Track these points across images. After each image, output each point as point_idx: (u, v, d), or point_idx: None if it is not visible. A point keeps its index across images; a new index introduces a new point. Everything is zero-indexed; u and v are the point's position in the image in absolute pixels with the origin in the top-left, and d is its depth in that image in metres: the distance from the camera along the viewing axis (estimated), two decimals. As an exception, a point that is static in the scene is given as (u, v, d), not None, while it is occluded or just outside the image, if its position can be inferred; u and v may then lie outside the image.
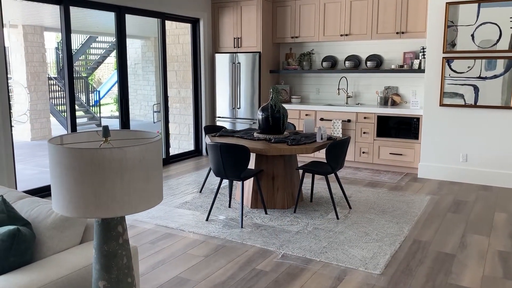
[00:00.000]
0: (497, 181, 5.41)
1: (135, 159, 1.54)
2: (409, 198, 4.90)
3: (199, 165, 6.61)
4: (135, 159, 1.54)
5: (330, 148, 4.13)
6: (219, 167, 3.99)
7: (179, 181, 5.60)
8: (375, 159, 6.24)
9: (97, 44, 14.21)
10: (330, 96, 7.05)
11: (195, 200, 4.78)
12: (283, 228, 3.95)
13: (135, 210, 1.57)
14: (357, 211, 4.44)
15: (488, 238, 3.78)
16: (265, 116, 4.48)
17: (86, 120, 13.29)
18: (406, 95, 6.46)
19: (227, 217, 4.25)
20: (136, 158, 1.54)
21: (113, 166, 1.50)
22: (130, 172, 1.54)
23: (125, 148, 1.51)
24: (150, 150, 1.60)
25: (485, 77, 5.32)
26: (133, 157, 1.53)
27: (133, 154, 1.53)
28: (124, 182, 1.52)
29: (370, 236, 3.78)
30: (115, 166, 1.50)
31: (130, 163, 1.53)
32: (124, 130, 1.80)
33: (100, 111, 13.53)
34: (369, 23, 6.25)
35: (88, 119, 13.35)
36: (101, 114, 13.52)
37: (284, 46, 7.31)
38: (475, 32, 5.30)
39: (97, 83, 19.05)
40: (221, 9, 7.06)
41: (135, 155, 1.54)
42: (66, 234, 2.11)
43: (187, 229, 3.95)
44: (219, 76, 7.12)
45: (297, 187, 4.68)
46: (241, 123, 7.04)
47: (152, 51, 13.12)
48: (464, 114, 5.52)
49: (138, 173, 1.56)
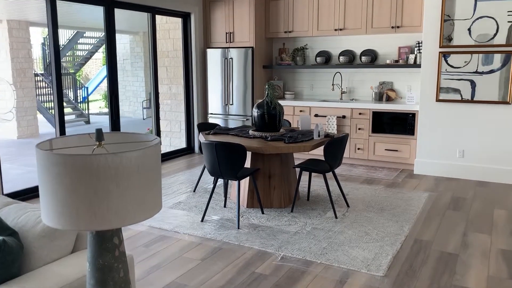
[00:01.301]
0: (494, 177, 5.37)
1: (133, 165, 1.41)
2: (406, 195, 4.82)
3: (191, 163, 6.48)
4: (132, 166, 1.41)
5: (328, 145, 4.03)
6: (214, 167, 3.86)
7: (172, 180, 5.46)
8: (370, 155, 6.15)
9: (84, 40, 13.92)
10: (324, 91, 6.95)
11: (189, 200, 4.65)
12: (281, 228, 3.85)
13: (133, 220, 1.44)
14: (355, 209, 4.35)
15: (489, 236, 3.71)
16: (260, 113, 4.36)
17: (74, 117, 13.04)
18: (401, 90, 6.38)
19: (222, 217, 4.13)
20: (134, 165, 1.41)
21: (108, 173, 1.37)
22: (127, 179, 1.41)
23: (121, 154, 1.38)
24: (148, 155, 1.47)
25: (482, 72, 5.25)
26: (130, 163, 1.41)
27: (130, 160, 1.40)
28: (120, 190, 1.39)
29: (370, 235, 3.69)
30: (111, 174, 1.37)
31: (127, 170, 1.40)
32: (119, 132, 1.67)
33: (89, 108, 13.28)
34: (363, 18, 6.15)
35: (76, 116, 13.10)
36: (89, 110, 13.27)
37: (277, 41, 7.18)
38: (472, 26, 5.22)
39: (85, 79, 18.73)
40: (212, 3, 6.90)
41: (132, 161, 1.41)
42: (56, 243, 1.97)
43: (182, 230, 3.82)
44: (211, 72, 6.97)
45: (293, 185, 4.57)
46: (233, 119, 6.91)
47: (141, 47, 12.90)
48: (460, 110, 5.45)
49: (136, 181, 1.43)
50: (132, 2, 5.74)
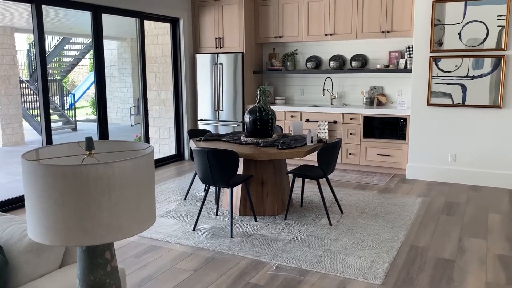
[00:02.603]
0: (487, 181, 5.36)
1: (125, 176, 1.33)
2: (400, 200, 4.78)
3: (181, 170, 6.37)
4: (125, 176, 1.33)
5: (322, 151, 3.97)
6: (206, 174, 3.78)
7: (162, 188, 5.35)
8: (362, 160, 6.12)
9: (71, 46, 13.75)
10: (315, 97, 6.91)
11: (180, 208, 4.55)
12: (275, 236, 3.77)
13: (126, 234, 1.36)
14: (349, 215, 4.30)
15: (485, 241, 3.68)
16: (252, 119, 4.29)
17: (61, 124, 12.84)
18: (391, 95, 6.37)
19: (215, 226, 4.04)
20: (126, 175, 1.33)
21: (100, 184, 1.29)
22: (119, 191, 1.32)
23: (113, 164, 1.29)
24: (142, 165, 1.39)
25: (473, 76, 5.26)
26: (123, 173, 1.32)
27: (123, 170, 1.32)
28: (112, 203, 1.31)
29: (366, 242, 3.63)
30: (102, 185, 1.29)
31: (119, 180, 1.32)
32: (110, 141, 1.58)
33: (75, 115, 13.09)
34: (353, 22, 6.14)
35: (63, 123, 12.90)
36: (76, 117, 13.08)
37: (267, 46, 7.14)
38: (462, 30, 5.23)
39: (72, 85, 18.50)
40: (201, 8, 6.84)
41: (125, 171, 1.32)
42: (44, 258, 1.87)
43: (173, 240, 3.72)
44: (201, 78, 6.89)
45: (287, 192, 4.51)
46: (224, 125, 6.83)
47: (128, 53, 12.77)
48: (452, 114, 5.45)
49: (129, 192, 1.35)
50: (120, 7, 5.65)
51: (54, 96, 13.38)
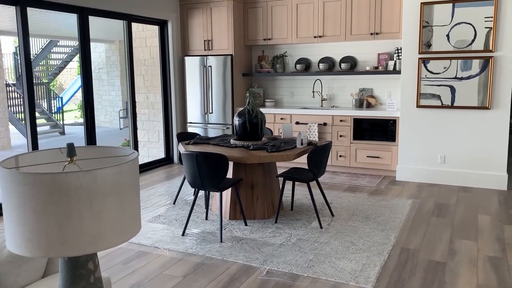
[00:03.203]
0: (476, 182, 5.38)
1: (108, 183, 1.28)
2: (390, 202, 4.77)
3: (171, 173, 6.31)
4: (107, 184, 1.28)
5: (312, 154, 3.94)
6: (195, 178, 3.73)
7: (151, 192, 5.28)
8: (352, 162, 6.11)
9: (58, 49, 13.61)
10: (304, 99, 6.89)
11: (169, 213, 4.49)
12: (265, 240, 3.73)
13: (109, 245, 1.31)
14: (340, 218, 4.27)
15: (476, 243, 3.67)
16: (242, 122, 4.25)
17: (49, 128, 12.69)
18: (381, 97, 6.38)
19: (204, 230, 3.99)
20: (109, 183, 1.28)
21: (81, 193, 1.24)
22: (102, 199, 1.27)
23: (94, 171, 1.25)
24: (125, 172, 1.34)
25: (461, 77, 5.27)
26: (105, 181, 1.27)
27: (105, 178, 1.27)
28: (94, 212, 1.26)
29: (357, 245, 3.61)
30: (83, 193, 1.24)
31: (102, 188, 1.27)
32: (93, 146, 1.53)
33: (63, 118, 12.94)
34: (342, 24, 6.13)
35: (51, 127, 12.75)
36: (64, 121, 12.93)
37: (256, 49, 7.10)
38: (450, 32, 5.25)
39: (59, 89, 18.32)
40: (190, 11, 6.79)
41: (107, 178, 1.28)
42: (25, 268, 1.81)
43: (162, 246, 3.66)
44: (190, 80, 6.84)
45: (277, 195, 4.47)
46: (213, 128, 6.78)
47: (116, 55, 12.67)
48: (441, 115, 5.46)
49: (112, 200, 1.30)
50: (107, 9, 5.58)
51: (41, 100, 13.22)
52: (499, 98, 5.14)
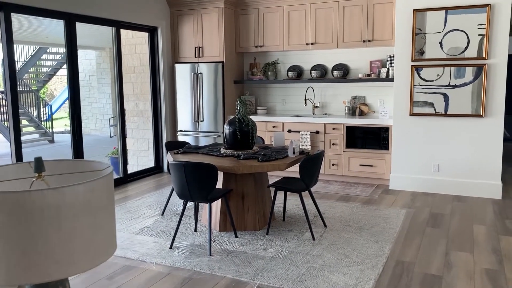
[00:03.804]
0: (470, 191, 5.30)
1: (78, 202, 1.17)
2: (384, 212, 4.68)
3: (160, 183, 6.17)
4: (78, 203, 1.16)
5: (304, 163, 3.84)
6: (183, 189, 3.61)
7: (139, 203, 5.15)
8: (345, 171, 6.02)
9: (48, 56, 13.45)
10: (297, 106, 6.81)
11: (157, 225, 4.35)
12: (256, 253, 3.61)
13: (79, 269, 1.19)
14: (333, 229, 4.16)
15: (472, 255, 3.58)
16: (232, 130, 4.14)
17: (38, 136, 12.50)
18: (373, 104, 6.31)
19: (193, 243, 3.86)
20: (79, 201, 1.17)
21: (48, 213, 1.12)
22: (72, 220, 1.16)
23: (63, 189, 1.13)
24: (98, 189, 1.22)
25: (455, 85, 5.22)
26: (75, 200, 1.16)
27: (75, 196, 1.16)
28: (63, 234, 1.14)
29: (350, 258, 3.50)
30: (51, 214, 1.12)
31: (71, 208, 1.15)
32: (65, 160, 1.42)
33: (53, 126, 12.75)
34: (335, 31, 6.07)
35: (40, 135, 12.56)
36: (53, 129, 12.74)
37: (248, 56, 7.02)
38: (443, 39, 5.19)
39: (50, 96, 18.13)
40: (180, 17, 6.69)
41: (77, 197, 1.16)
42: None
43: (149, 259, 3.53)
44: (180, 87, 6.73)
45: (268, 206, 4.36)
46: (204, 136, 6.67)
47: (107, 62, 12.54)
48: (434, 123, 5.39)
49: (83, 221, 1.18)
50: (95, 15, 5.47)
51: (30, 107, 13.03)
52: (493, 106, 5.09)
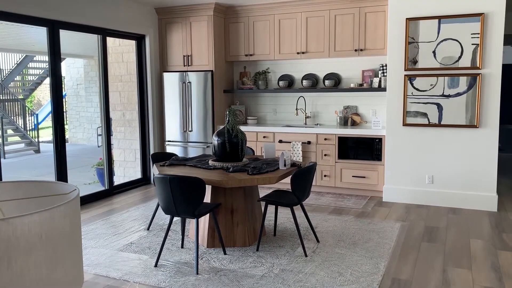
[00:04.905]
0: (465, 203, 5.18)
1: (33, 235, 0.99)
2: (378, 226, 4.53)
3: (147, 195, 5.97)
4: (32, 236, 0.99)
5: (296, 176, 3.69)
6: (169, 204, 3.43)
7: (124, 217, 4.94)
8: (337, 182, 5.87)
9: (34, 64, 13.22)
10: (288, 116, 6.67)
11: (142, 240, 4.16)
12: (245, 272, 3.43)
13: (34, 314, 1.01)
14: (326, 244, 4.00)
15: (470, 271, 3.44)
16: (221, 142, 3.98)
17: (24, 146, 12.22)
18: (366, 114, 6.19)
19: (179, 260, 3.67)
20: (34, 234, 1.00)
21: (-5, 248, 0.95)
22: (25, 256, 0.99)
23: (14, 220, 0.96)
24: (59, 217, 1.05)
25: (449, 95, 5.12)
26: (29, 232, 0.99)
27: (29, 228, 0.99)
28: (13, 273, 0.97)
29: (344, 276, 3.34)
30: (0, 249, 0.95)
31: (24, 242, 0.98)
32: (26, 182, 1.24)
33: (39, 136, 12.48)
34: (326, 40, 5.96)
35: (26, 144, 12.28)
36: (39, 139, 12.46)
37: (238, 65, 6.88)
38: (437, 48, 5.10)
39: (38, 105, 17.84)
40: (168, 25, 6.54)
41: (31, 229, 0.99)
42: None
43: (133, 279, 3.34)
44: (168, 97, 6.56)
45: (259, 220, 4.18)
46: (193, 147, 6.49)
47: (95, 71, 12.34)
48: (428, 134, 5.28)
49: (38, 256, 1.01)
50: (80, 23, 5.30)
51: (16, 117, 12.77)
52: (488, 116, 4.99)
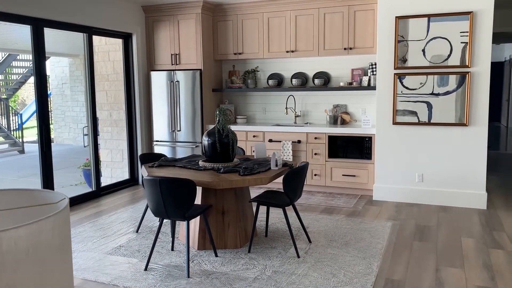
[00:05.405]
0: (455, 201, 5.20)
1: (20, 249, 0.93)
2: (369, 225, 4.51)
3: (135, 196, 5.88)
4: (19, 250, 0.93)
5: (288, 177, 3.64)
6: (158, 206, 3.36)
7: (112, 219, 4.85)
8: (327, 181, 5.85)
9: (18, 63, 12.96)
10: (277, 115, 6.63)
11: (131, 243, 4.08)
12: (237, 274, 3.38)
13: (22, 333, 0.95)
14: (318, 245, 3.97)
15: (463, 270, 3.43)
16: (211, 142, 3.91)
17: (7, 147, 11.99)
18: (355, 113, 6.17)
19: (170, 263, 3.60)
20: (21, 248, 0.93)
21: (-21, 265, 0.88)
22: (12, 270, 0.92)
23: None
24: (47, 229, 0.99)
25: (438, 93, 5.12)
26: (15, 246, 0.92)
27: (15, 242, 0.92)
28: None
29: (338, 277, 3.31)
30: (-17, 265, 0.89)
31: (11, 256, 0.92)
32: (12, 191, 1.17)
33: (23, 136, 12.25)
34: (315, 39, 5.92)
35: (10, 145, 12.05)
36: (23, 139, 12.23)
37: (226, 63, 6.81)
38: (426, 47, 5.10)
39: (22, 105, 17.54)
40: (156, 23, 6.45)
41: (18, 243, 0.92)
42: None
43: (122, 283, 3.26)
44: (156, 96, 6.46)
45: (250, 221, 4.13)
46: (182, 147, 6.41)
47: (81, 70, 12.15)
48: (418, 132, 5.28)
49: (26, 270, 0.94)
50: (65, 21, 5.18)
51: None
52: (477, 115, 5.01)
